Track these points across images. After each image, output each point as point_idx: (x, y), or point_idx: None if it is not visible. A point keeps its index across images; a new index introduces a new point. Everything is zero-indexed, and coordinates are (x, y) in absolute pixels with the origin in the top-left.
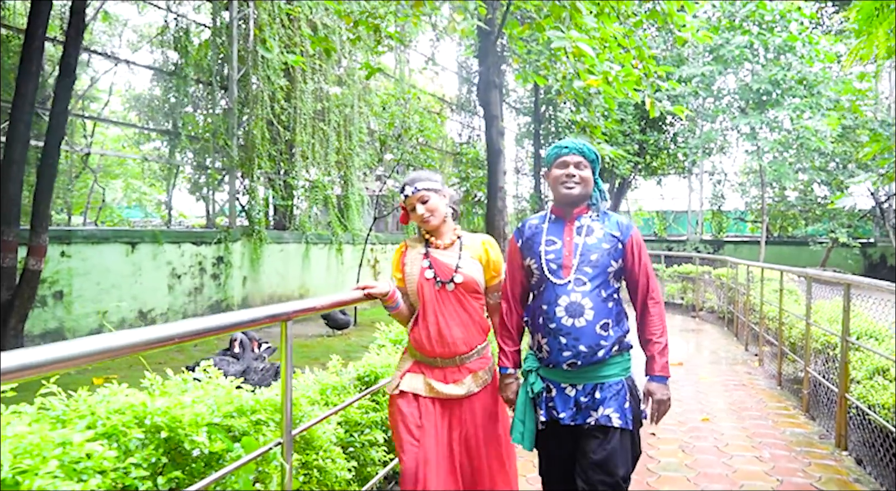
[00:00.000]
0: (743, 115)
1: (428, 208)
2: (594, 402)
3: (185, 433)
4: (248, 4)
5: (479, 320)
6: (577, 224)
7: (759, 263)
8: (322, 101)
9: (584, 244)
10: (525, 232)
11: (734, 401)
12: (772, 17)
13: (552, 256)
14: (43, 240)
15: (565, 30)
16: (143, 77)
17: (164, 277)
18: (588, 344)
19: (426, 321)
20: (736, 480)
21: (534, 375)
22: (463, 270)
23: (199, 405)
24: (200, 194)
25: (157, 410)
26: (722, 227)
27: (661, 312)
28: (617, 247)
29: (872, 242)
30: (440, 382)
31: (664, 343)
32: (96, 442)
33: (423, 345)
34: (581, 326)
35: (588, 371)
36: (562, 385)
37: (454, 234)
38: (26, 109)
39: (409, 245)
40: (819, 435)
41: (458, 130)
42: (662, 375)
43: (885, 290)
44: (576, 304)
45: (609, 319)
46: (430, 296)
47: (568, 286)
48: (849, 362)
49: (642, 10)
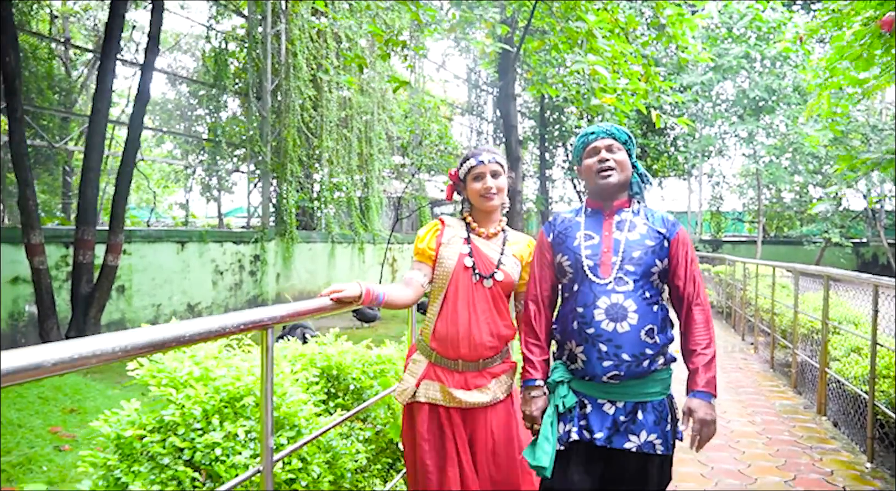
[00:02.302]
0: (740, 120)
1: (498, 185)
2: (635, 424)
3: (345, 373)
4: (281, 20)
5: (509, 323)
6: (617, 218)
7: (754, 260)
8: (346, 109)
9: (625, 240)
10: (557, 226)
11: (731, 380)
12: (768, 28)
13: (589, 253)
14: (120, 238)
15: (583, 53)
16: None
17: (208, 273)
18: (632, 353)
19: (456, 316)
20: (732, 438)
21: (565, 387)
22: (505, 268)
23: (347, 356)
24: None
25: (324, 357)
26: (720, 227)
27: (709, 320)
28: (663, 245)
29: (865, 242)
30: (461, 389)
31: (711, 355)
32: (301, 374)
33: (445, 343)
34: (624, 331)
35: (631, 386)
36: (599, 401)
37: (500, 225)
38: (102, 123)
39: (447, 224)
40: (804, 405)
41: (466, 135)
42: (708, 391)
43: (862, 282)
44: (618, 306)
45: (654, 324)
46: (465, 288)
47: (608, 286)
48: (828, 342)
49: (650, 32)
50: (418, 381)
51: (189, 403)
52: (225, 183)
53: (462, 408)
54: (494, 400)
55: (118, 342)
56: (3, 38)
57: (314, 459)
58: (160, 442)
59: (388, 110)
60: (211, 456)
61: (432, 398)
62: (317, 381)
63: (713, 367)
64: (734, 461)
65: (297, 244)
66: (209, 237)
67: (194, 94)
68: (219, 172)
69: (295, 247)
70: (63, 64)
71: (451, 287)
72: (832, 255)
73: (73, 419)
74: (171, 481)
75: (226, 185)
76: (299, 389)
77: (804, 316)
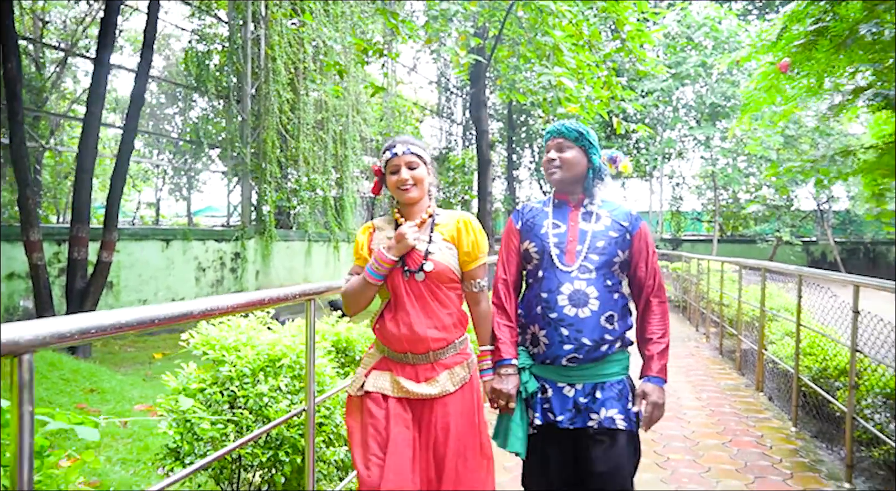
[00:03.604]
0: (698, 125)
1: (414, 176)
2: (595, 402)
3: (352, 347)
4: (261, 25)
5: (455, 312)
6: (584, 210)
7: (705, 256)
8: (322, 112)
9: (591, 231)
10: (525, 214)
11: (683, 365)
12: (724, 38)
13: (556, 241)
14: (114, 236)
15: (549, 65)
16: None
17: (191, 270)
18: (592, 337)
19: (395, 314)
20: (680, 411)
21: (527, 373)
22: (434, 257)
23: (353, 332)
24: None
25: (334, 333)
26: (680, 226)
27: (665, 312)
28: (625, 237)
29: (814, 241)
30: (411, 380)
31: (665, 344)
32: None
33: (390, 340)
34: (585, 316)
35: (588, 368)
36: (559, 384)
37: (426, 212)
38: (95, 126)
39: (378, 227)
40: (745, 384)
41: (437, 136)
42: (660, 377)
43: (791, 273)
44: (580, 292)
45: (614, 311)
46: (400, 286)
47: (572, 273)
48: (765, 328)
49: (613, 44)
50: (368, 371)
51: (240, 363)
52: (195, 182)
53: (410, 398)
54: (443, 392)
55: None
56: (6, 44)
57: (335, 411)
58: (218, 393)
59: (362, 113)
60: (260, 402)
61: (380, 388)
62: (329, 352)
63: (666, 355)
64: (681, 429)
65: (276, 242)
66: (192, 235)
67: (167, 94)
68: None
69: (273, 245)
70: (34, 62)
71: (387, 286)
72: (784, 252)
73: (94, 397)
74: (230, 423)
75: (196, 185)
76: (318, 356)
77: (747, 305)
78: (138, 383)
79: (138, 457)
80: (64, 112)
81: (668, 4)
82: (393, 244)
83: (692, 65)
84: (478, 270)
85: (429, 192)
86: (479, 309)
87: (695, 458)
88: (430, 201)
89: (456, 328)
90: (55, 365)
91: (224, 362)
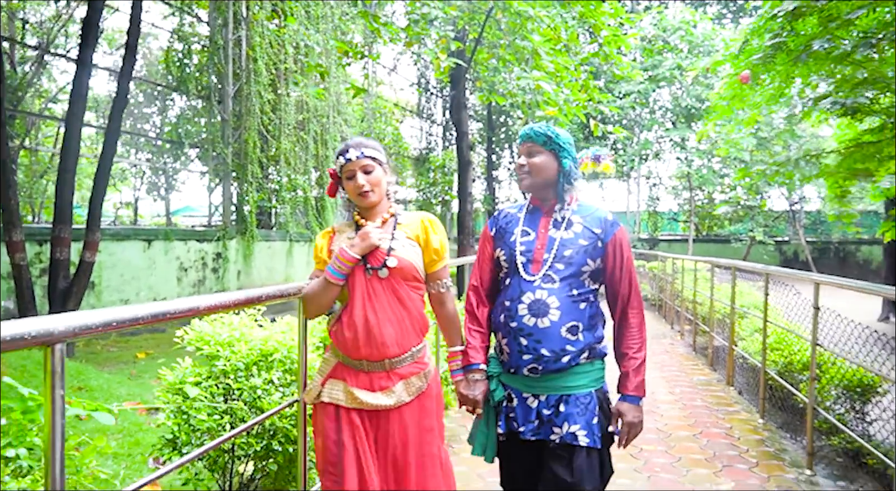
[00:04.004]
0: (674, 126)
1: (371, 181)
2: (558, 416)
3: None
4: (242, 27)
5: (416, 316)
6: (556, 216)
7: (680, 255)
8: (303, 112)
9: (559, 239)
10: (500, 220)
11: (658, 361)
12: (698, 41)
13: (523, 249)
14: (97, 236)
15: (528, 69)
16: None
17: (173, 270)
18: (551, 348)
19: (353, 316)
20: (654, 405)
21: (495, 381)
22: (397, 253)
23: None
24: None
25: (322, 330)
26: (657, 226)
27: (641, 324)
28: (596, 245)
29: (787, 240)
30: (365, 390)
31: (641, 359)
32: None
33: (346, 345)
34: (544, 327)
35: (552, 380)
36: (524, 395)
37: (387, 212)
38: (77, 127)
39: (338, 230)
40: (717, 379)
41: (416, 136)
42: (636, 395)
43: (758, 271)
44: (540, 302)
45: (579, 321)
46: (362, 286)
47: (535, 283)
48: (735, 324)
49: (591, 48)
50: (324, 380)
51: (235, 357)
52: (174, 182)
53: (365, 409)
54: (399, 403)
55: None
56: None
57: None
58: (214, 386)
59: (342, 114)
60: (254, 395)
61: (335, 398)
62: (318, 347)
63: (643, 370)
64: (654, 422)
65: (257, 242)
66: (174, 235)
67: (145, 93)
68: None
69: (255, 245)
70: (10, 60)
71: (347, 288)
72: (757, 252)
73: (82, 395)
74: (226, 414)
75: (175, 185)
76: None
77: (719, 303)
78: (124, 382)
79: (129, 452)
80: (40, 111)
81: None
82: (356, 242)
83: (668, 68)
84: (443, 270)
85: (387, 193)
86: (445, 310)
87: (667, 449)
88: (390, 202)
89: (415, 334)
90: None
91: (219, 357)
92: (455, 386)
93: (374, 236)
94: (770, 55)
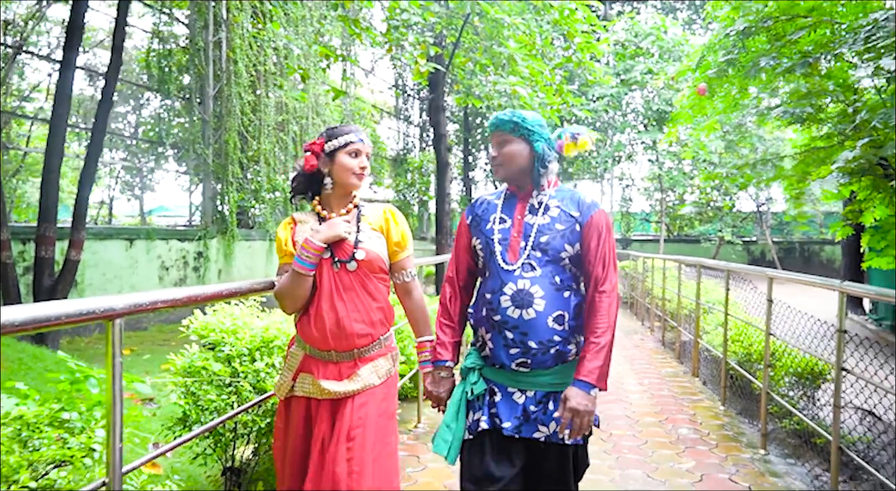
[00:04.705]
0: (645, 129)
1: (366, 167)
2: (546, 414)
3: None
4: (222, 29)
5: (384, 306)
6: (532, 202)
7: (650, 254)
8: (282, 113)
9: (535, 224)
10: (476, 208)
11: (628, 355)
12: (669, 46)
13: (500, 237)
14: (82, 235)
15: (505, 73)
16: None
17: (155, 269)
18: (538, 340)
19: (320, 310)
20: (624, 395)
21: (476, 374)
22: (365, 245)
23: None
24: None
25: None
26: (630, 226)
27: (610, 308)
28: (574, 229)
29: (754, 240)
30: (333, 380)
31: (602, 344)
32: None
33: (315, 338)
34: (530, 318)
35: (543, 375)
36: (509, 389)
37: (352, 202)
38: (62, 127)
39: (299, 220)
40: (683, 371)
41: (393, 137)
42: (587, 381)
43: (721, 268)
44: (524, 292)
45: (565, 311)
46: (328, 279)
47: (515, 272)
48: (700, 319)
49: (565, 54)
50: (295, 374)
51: (239, 344)
52: (149, 181)
53: (333, 399)
54: (366, 387)
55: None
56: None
57: None
58: (222, 369)
59: (321, 115)
60: (258, 377)
61: (307, 392)
62: None
63: (601, 356)
64: (623, 410)
65: (238, 242)
66: (156, 235)
67: (120, 93)
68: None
69: (235, 244)
70: None
71: (316, 278)
72: (726, 251)
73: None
74: (232, 395)
75: (149, 184)
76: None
77: (686, 300)
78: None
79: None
80: (12, 110)
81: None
82: (322, 229)
83: (640, 72)
84: (406, 260)
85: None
86: (411, 299)
87: (634, 433)
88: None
89: (382, 325)
90: (38, 357)
91: (224, 343)
92: (423, 378)
93: (341, 228)
94: (724, 70)
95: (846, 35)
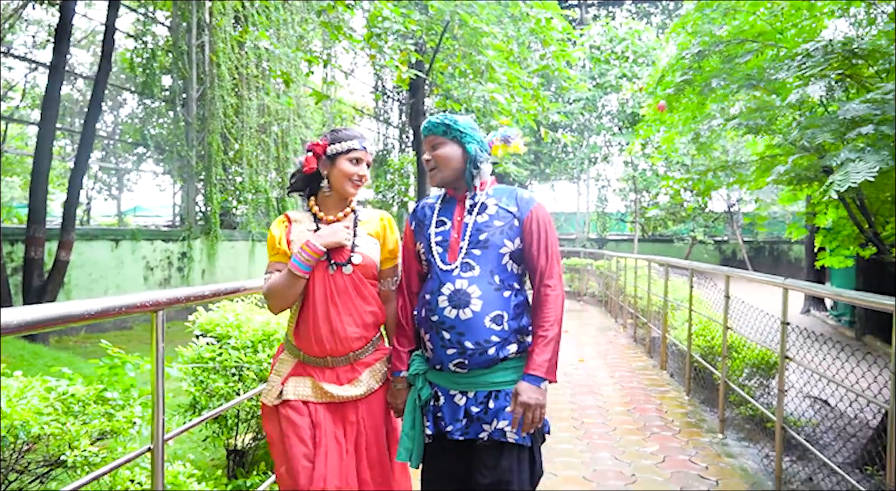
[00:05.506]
0: (620, 132)
1: (365, 175)
2: (487, 413)
3: None
4: (205, 32)
5: (377, 310)
6: (470, 202)
7: (623, 254)
8: (264, 116)
9: (473, 223)
10: (418, 214)
11: (601, 350)
12: (643, 50)
13: (440, 239)
14: (71, 236)
15: (483, 81)
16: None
17: (140, 269)
18: (475, 340)
19: (315, 314)
20: (595, 387)
21: (421, 379)
22: (361, 249)
23: None
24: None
25: None
26: (605, 226)
27: (557, 302)
28: (513, 224)
29: (726, 240)
30: (333, 384)
31: (550, 337)
32: None
33: (310, 344)
34: (466, 318)
35: (480, 375)
36: (451, 392)
37: (349, 207)
38: (50, 129)
39: (294, 219)
40: (652, 365)
41: (372, 138)
42: (536, 374)
43: (684, 267)
44: (461, 292)
45: (504, 310)
46: (323, 281)
47: (454, 272)
48: (668, 315)
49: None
50: (285, 379)
51: (243, 337)
52: (126, 182)
53: (334, 402)
54: (369, 391)
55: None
56: None
57: None
58: (227, 360)
59: (303, 117)
60: (260, 367)
61: (302, 395)
62: None
63: (550, 349)
64: (594, 400)
65: (221, 242)
66: (141, 235)
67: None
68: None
69: (218, 245)
70: None
71: (308, 283)
72: (698, 251)
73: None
74: (238, 383)
75: (127, 184)
76: None
77: (656, 297)
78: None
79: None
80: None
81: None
82: (324, 233)
83: (615, 76)
84: (395, 268)
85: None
86: (390, 307)
87: (604, 421)
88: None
89: (375, 327)
90: (38, 354)
91: (230, 336)
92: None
93: (342, 235)
94: (681, 89)
95: (786, 61)
